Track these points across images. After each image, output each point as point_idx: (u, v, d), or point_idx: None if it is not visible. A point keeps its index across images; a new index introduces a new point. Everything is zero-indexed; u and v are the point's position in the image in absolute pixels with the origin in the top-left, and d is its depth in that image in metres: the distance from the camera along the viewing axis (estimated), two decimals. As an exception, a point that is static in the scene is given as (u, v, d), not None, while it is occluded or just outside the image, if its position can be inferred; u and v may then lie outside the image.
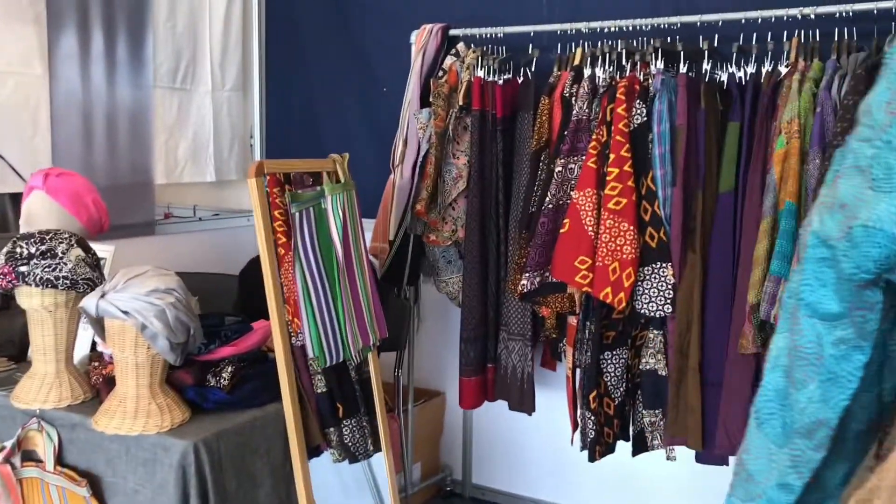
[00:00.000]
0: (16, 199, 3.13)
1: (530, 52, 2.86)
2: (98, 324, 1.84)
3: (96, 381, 2.03)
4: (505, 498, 3.46)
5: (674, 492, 3.04)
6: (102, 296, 1.76)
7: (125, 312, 1.74)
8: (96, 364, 2.06)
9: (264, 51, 3.90)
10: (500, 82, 2.84)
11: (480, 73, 2.82)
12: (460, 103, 2.82)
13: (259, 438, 1.95)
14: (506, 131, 2.84)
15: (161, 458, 1.80)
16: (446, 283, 3.04)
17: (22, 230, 2.41)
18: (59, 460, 1.95)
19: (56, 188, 2.42)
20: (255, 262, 2.81)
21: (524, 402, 2.82)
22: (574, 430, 2.77)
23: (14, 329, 2.32)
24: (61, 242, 1.96)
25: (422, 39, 3.03)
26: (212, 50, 3.67)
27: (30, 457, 1.99)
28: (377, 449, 2.38)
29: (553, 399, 2.93)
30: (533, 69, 2.82)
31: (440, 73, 2.93)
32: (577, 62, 2.68)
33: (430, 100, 2.85)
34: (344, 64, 3.74)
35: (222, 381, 1.96)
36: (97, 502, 1.88)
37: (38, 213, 2.41)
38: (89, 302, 1.76)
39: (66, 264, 1.93)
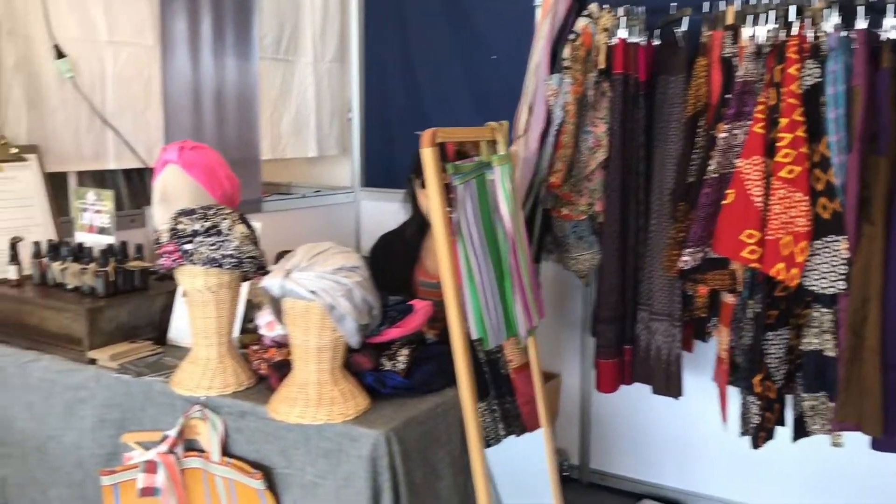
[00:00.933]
0: (129, 175, 3.02)
1: (673, 11, 2.67)
2: (275, 305, 1.70)
3: (258, 366, 1.91)
4: (626, 483, 3.32)
5: (805, 478, 2.89)
6: (287, 275, 1.62)
7: (312, 292, 1.61)
8: (255, 347, 1.94)
9: (362, 19, 3.75)
10: (643, 44, 2.66)
11: (622, 34, 2.64)
12: (601, 66, 2.64)
13: (441, 427, 1.81)
14: (647, 96, 2.67)
15: (347, 450, 1.67)
16: (576, 261, 2.88)
17: (156, 207, 2.29)
18: (224, 450, 1.83)
19: (191, 162, 2.29)
20: (386, 240, 2.68)
21: (670, 386, 2.66)
22: (725, 414, 2.62)
23: (154, 311, 2.20)
24: (225, 218, 1.83)
25: (550, 1, 2.84)
26: (313, 18, 3.52)
27: (191, 446, 1.87)
28: (510, 433, 2.25)
29: (685, 381, 2.76)
30: (684, 29, 2.63)
31: (572, 36, 2.75)
32: (730, 21, 2.49)
33: (566, 64, 2.67)
34: (447, 31, 3.57)
35: (398, 364, 1.82)
36: (272, 496, 1.76)
37: (174, 188, 2.29)
38: (272, 281, 1.62)
39: (230, 242, 1.80)
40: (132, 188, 3.02)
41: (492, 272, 2.03)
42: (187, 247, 1.78)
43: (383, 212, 3.77)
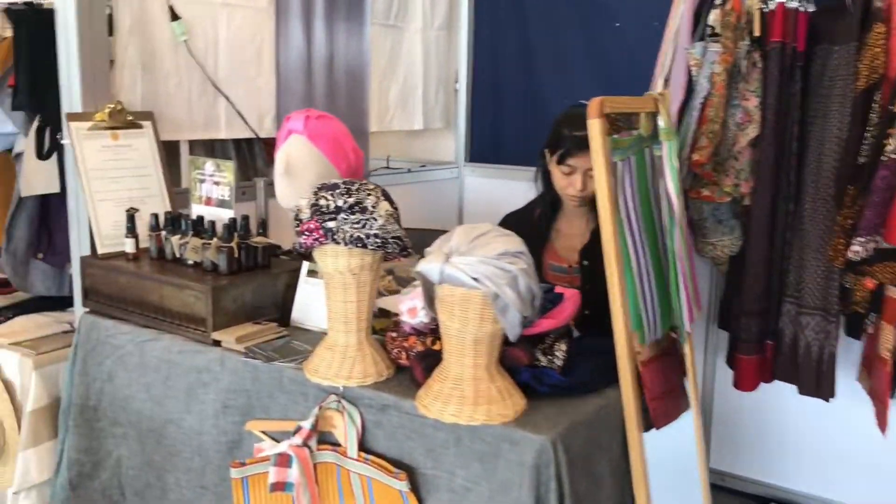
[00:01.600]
0: (238, 145, 2.90)
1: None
2: (429, 291, 1.54)
3: (397, 355, 1.75)
4: (749, 485, 3.10)
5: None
6: (446, 259, 1.45)
7: (475, 279, 1.43)
8: (393, 335, 1.78)
9: (472, -16, 3.56)
10: (802, 9, 2.40)
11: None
12: (755, 34, 2.40)
13: (603, 431, 1.63)
14: (804, 68, 2.41)
15: (506, 455, 1.50)
16: (714, 246, 2.64)
17: (278, 179, 2.15)
18: (360, 445, 1.69)
19: (317, 132, 2.13)
20: (512, 220, 2.50)
21: (821, 386, 2.43)
22: (884, 423, 2.37)
23: (277, 290, 2.07)
24: (369, 194, 1.67)
25: (693, -39, 2.60)
26: (423, -19, 3.34)
27: (324, 439, 1.73)
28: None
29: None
30: (856, -8, 2.36)
31: (720, 0, 2.50)
32: (909, -18, 2.22)
33: (717, 31, 2.43)
34: (565, -3, 3.35)
35: (556, 360, 1.65)
36: (415, 498, 1.61)
37: (298, 160, 2.14)
38: (431, 266, 1.46)
39: (376, 220, 1.64)
40: (241, 159, 2.90)
41: (649, 259, 1.84)
42: (330, 224, 1.62)
43: (489, 189, 3.60)
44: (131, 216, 2.15)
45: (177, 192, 2.39)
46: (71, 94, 2.19)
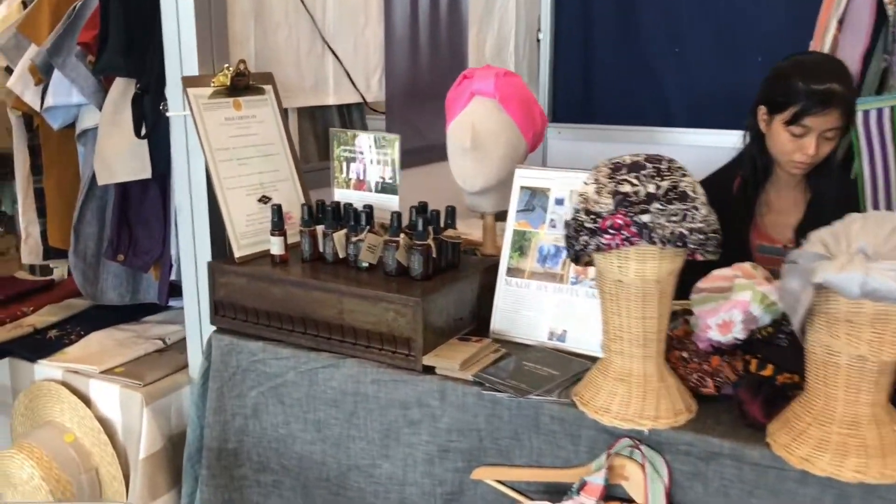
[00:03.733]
0: (342, 112, 2.42)
1: None
2: (796, 302, 1.15)
3: (698, 382, 1.36)
4: None
5: None
6: (866, 266, 1.06)
7: (906, 292, 1.05)
8: (684, 355, 1.39)
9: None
10: None
11: None
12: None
13: None
14: None
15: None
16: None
17: (459, 157, 1.71)
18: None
19: (508, 94, 1.71)
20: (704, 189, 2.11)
21: None
22: None
23: (471, 296, 1.65)
24: (684, 175, 1.26)
25: None
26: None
27: (611, 494, 1.34)
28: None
29: None
30: None
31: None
32: None
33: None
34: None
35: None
36: (762, 572, 1.24)
37: (488, 130, 1.71)
38: (849, 276, 1.06)
39: (698, 210, 1.23)
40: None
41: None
42: (644, 218, 1.21)
43: (577, 152, 3.20)
44: (278, 208, 1.68)
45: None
46: (182, 51, 1.69)
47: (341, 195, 1.81)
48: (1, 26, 2.13)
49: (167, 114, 1.75)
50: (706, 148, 2.99)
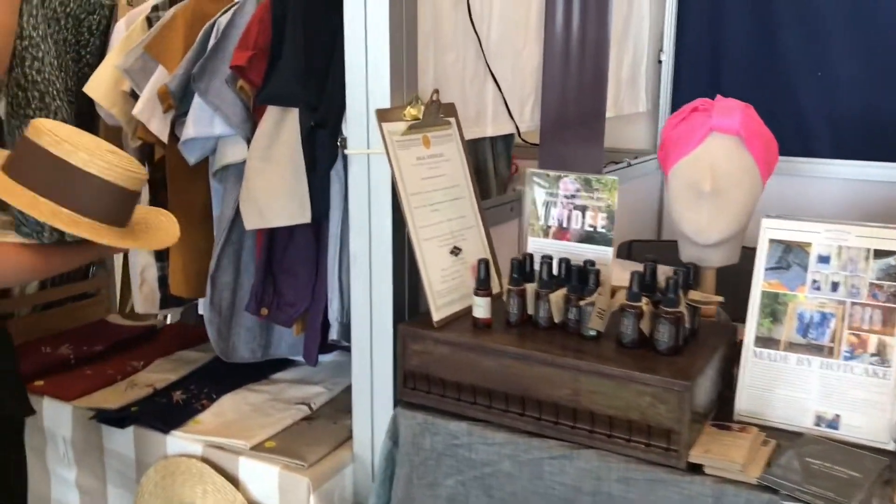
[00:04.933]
0: (492, 144, 2.17)
1: None
2: None
3: None
4: None
5: None
6: None
7: None
8: None
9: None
10: None
11: None
12: None
13: None
14: None
15: None
16: None
17: (696, 202, 1.47)
18: None
19: (752, 131, 1.47)
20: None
21: None
22: None
23: (715, 372, 1.39)
24: None
25: None
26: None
27: None
28: None
29: None
30: None
31: None
32: None
33: None
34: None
35: None
36: None
37: (730, 174, 1.46)
38: None
39: None
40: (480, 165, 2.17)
41: None
42: None
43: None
44: (485, 263, 1.42)
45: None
46: (369, 80, 1.44)
47: (537, 245, 1.56)
48: (123, 46, 1.88)
49: (346, 151, 1.50)
50: (851, 181, 2.76)
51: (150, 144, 1.89)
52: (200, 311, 2.03)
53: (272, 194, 1.63)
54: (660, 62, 2.94)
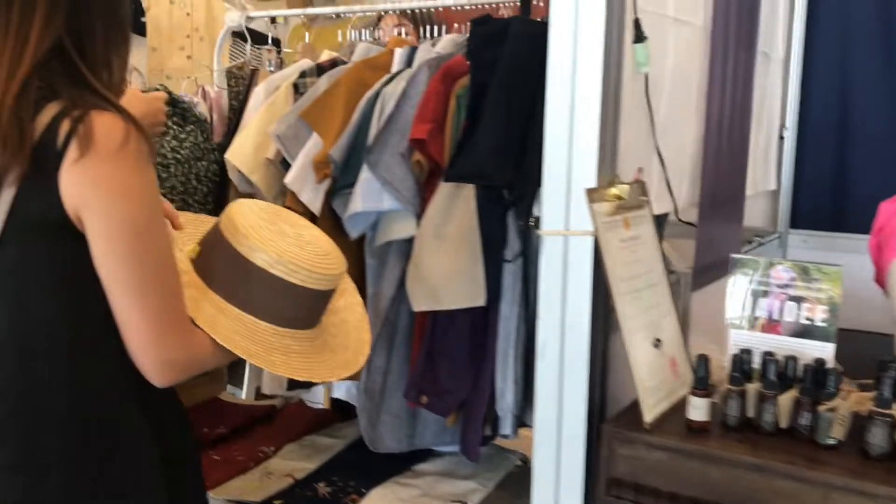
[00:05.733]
0: None
1: None
2: None
3: None
4: None
5: None
6: None
7: None
8: None
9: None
10: None
11: None
12: None
13: None
14: None
15: None
16: None
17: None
18: None
19: None
20: None
21: None
22: None
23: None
24: None
25: None
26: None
27: None
28: None
29: None
30: None
31: None
32: None
33: None
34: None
35: None
36: None
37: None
38: None
39: None
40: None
41: None
42: None
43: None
44: (704, 360, 1.29)
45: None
46: (573, 155, 1.34)
47: (740, 339, 1.42)
48: (268, 112, 1.80)
49: (540, 232, 1.39)
50: None
51: (297, 216, 1.80)
52: (336, 395, 1.92)
53: (446, 274, 1.52)
54: (781, 138, 2.83)
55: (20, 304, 1.02)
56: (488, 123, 1.38)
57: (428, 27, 2.15)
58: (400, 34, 2.12)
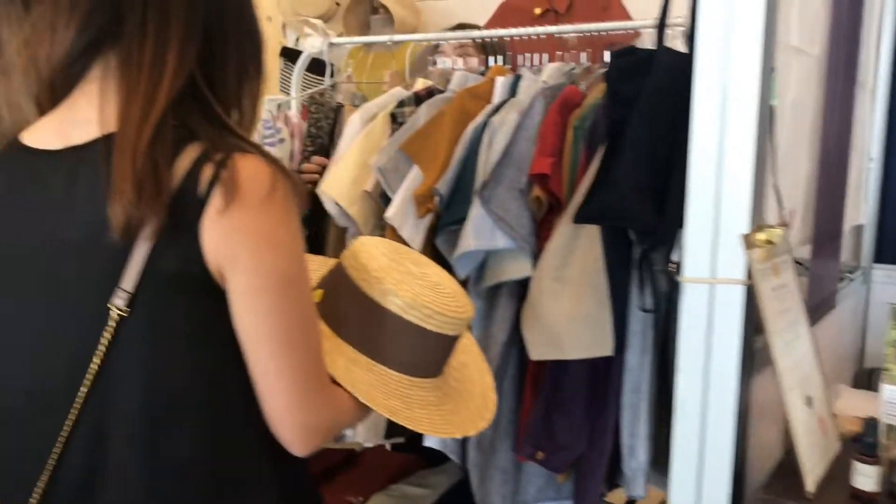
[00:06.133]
0: None
1: None
2: None
3: None
4: None
5: None
6: None
7: None
8: None
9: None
10: None
11: None
12: None
13: None
14: None
15: None
16: None
17: None
18: None
19: None
20: None
21: None
22: None
23: None
24: None
25: None
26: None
27: None
28: None
29: None
30: None
31: None
32: None
33: None
34: None
35: None
36: None
37: None
38: None
39: None
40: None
41: None
42: None
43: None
44: (873, 424, 1.18)
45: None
46: (723, 198, 1.24)
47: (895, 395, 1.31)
48: (364, 143, 1.71)
49: (680, 279, 1.28)
50: None
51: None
52: (427, 443, 1.81)
53: (569, 321, 1.41)
54: (868, 169, 2.72)
55: (153, 374, 0.90)
56: (629, 161, 1.28)
57: (497, 56, 2.07)
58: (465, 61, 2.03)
